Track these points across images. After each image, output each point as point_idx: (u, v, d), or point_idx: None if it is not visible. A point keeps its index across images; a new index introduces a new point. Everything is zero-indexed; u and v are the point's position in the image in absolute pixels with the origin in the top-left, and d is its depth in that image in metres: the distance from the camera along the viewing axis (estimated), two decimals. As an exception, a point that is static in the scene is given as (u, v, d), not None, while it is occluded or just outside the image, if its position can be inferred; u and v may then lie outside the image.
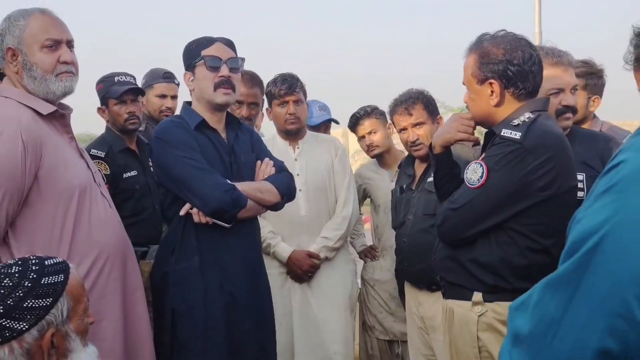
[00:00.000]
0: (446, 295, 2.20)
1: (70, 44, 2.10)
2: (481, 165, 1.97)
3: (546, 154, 1.94)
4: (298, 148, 3.16)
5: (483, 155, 2.04)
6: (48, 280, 1.51)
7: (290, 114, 3.09)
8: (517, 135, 1.94)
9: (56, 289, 1.51)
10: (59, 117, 2.10)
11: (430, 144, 2.29)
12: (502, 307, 2.00)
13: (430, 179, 2.51)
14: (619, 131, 2.85)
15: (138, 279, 2.23)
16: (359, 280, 3.40)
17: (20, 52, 2.02)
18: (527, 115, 2.00)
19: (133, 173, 3.01)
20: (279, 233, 3.05)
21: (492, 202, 1.95)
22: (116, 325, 2.06)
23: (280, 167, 2.53)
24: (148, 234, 2.86)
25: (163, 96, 3.45)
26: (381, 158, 3.40)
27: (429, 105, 2.94)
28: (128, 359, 2.11)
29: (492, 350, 2.02)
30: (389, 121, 3.31)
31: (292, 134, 3.15)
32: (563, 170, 1.96)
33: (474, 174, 1.98)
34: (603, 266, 0.91)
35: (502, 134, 1.96)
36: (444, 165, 2.24)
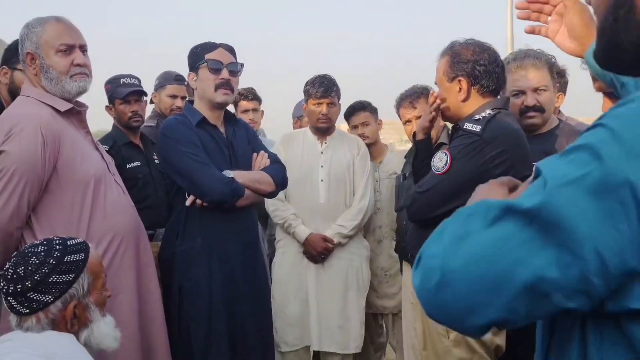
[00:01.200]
0: None
1: (83, 48, 2.16)
2: (445, 154, 2.08)
3: (502, 146, 2.04)
4: (325, 143, 3.28)
5: (448, 146, 2.17)
6: (70, 258, 1.59)
7: (323, 114, 3.20)
8: (477, 128, 2.06)
9: (78, 265, 1.60)
10: (76, 114, 2.18)
11: (414, 132, 2.42)
12: None
13: None
14: (582, 126, 3.08)
15: (149, 256, 2.30)
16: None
17: (38, 56, 2.09)
18: (487, 112, 2.11)
19: (136, 164, 3.12)
20: (299, 216, 3.15)
21: (454, 187, 2.03)
22: (131, 299, 2.14)
23: (274, 159, 2.66)
24: (152, 219, 2.92)
25: (174, 96, 3.59)
26: (368, 149, 3.48)
27: None
28: (142, 329, 2.18)
29: None
30: (380, 118, 3.52)
31: (321, 131, 3.28)
32: (518, 161, 2.05)
33: (439, 161, 2.09)
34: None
35: (464, 127, 2.08)
36: (423, 151, 2.34)
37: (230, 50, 2.57)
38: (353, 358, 3.38)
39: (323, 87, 3.20)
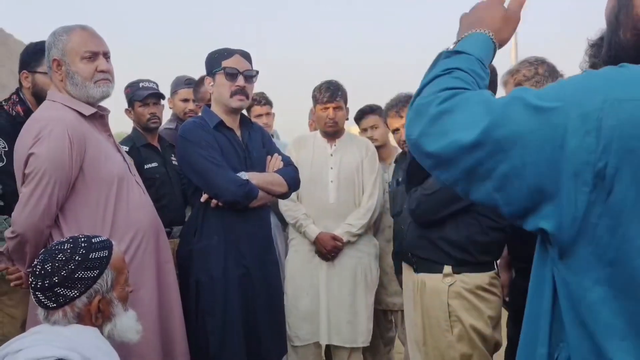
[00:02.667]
0: (417, 270, 2.36)
1: (106, 55, 2.20)
2: None
3: None
4: (335, 145, 3.32)
5: None
6: (95, 255, 1.62)
7: (330, 118, 3.25)
8: None
9: (102, 262, 1.63)
10: (99, 118, 2.22)
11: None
12: (469, 278, 2.19)
13: None
14: None
15: (168, 252, 2.34)
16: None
17: (64, 63, 2.13)
18: None
19: (154, 164, 3.19)
20: (310, 215, 3.20)
21: None
22: (152, 293, 2.18)
23: (287, 161, 2.70)
24: (169, 217, 3.00)
25: (186, 100, 3.65)
26: (378, 151, 3.51)
27: None
28: (161, 320, 2.22)
29: (461, 315, 2.19)
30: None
31: (330, 134, 3.33)
32: None
33: None
34: None
35: None
36: None
37: (247, 56, 2.60)
38: (363, 352, 3.44)
39: (329, 92, 3.24)
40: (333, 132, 3.31)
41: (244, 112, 2.80)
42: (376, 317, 3.43)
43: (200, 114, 2.77)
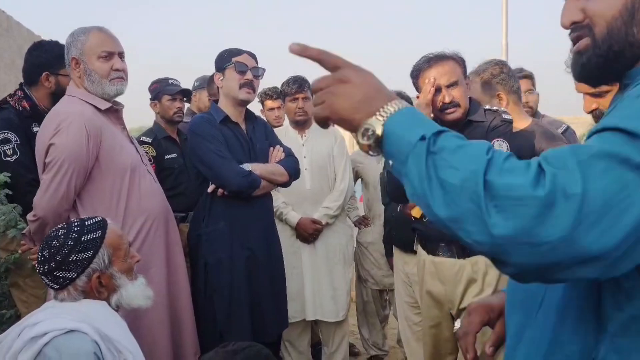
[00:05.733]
0: (464, 255, 2.22)
1: (121, 55, 2.23)
2: (503, 141, 2.14)
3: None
4: (305, 136, 3.38)
5: (492, 135, 2.17)
6: (87, 237, 1.63)
7: (299, 107, 3.31)
8: (509, 117, 2.22)
9: (95, 243, 1.63)
10: (113, 112, 2.25)
11: None
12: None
13: None
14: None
15: (177, 235, 2.38)
16: (355, 242, 3.62)
17: (82, 61, 2.18)
18: (493, 106, 2.27)
19: (173, 155, 3.30)
20: (289, 203, 3.26)
21: None
22: (161, 272, 2.23)
23: (288, 152, 2.76)
24: (186, 203, 3.11)
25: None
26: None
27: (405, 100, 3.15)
28: (170, 296, 2.28)
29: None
30: None
31: (300, 125, 3.37)
32: None
33: (500, 148, 2.11)
34: None
35: (504, 117, 2.19)
36: None
37: (254, 57, 2.68)
38: (360, 328, 3.52)
39: (297, 84, 3.31)
40: (303, 122, 3.36)
41: (259, 107, 2.82)
42: (373, 296, 3.52)
43: None
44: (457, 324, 1.23)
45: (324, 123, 0.89)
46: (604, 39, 0.84)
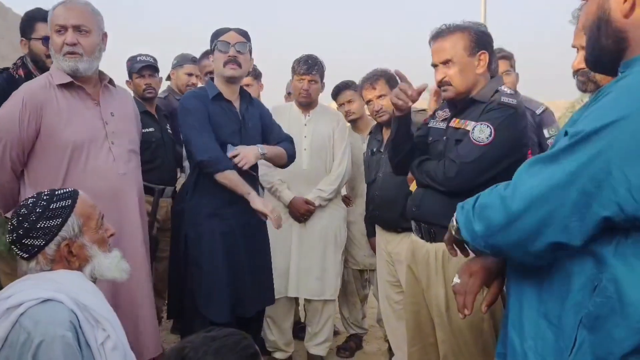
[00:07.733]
0: (437, 239, 2.12)
1: (77, 28, 2.11)
2: (488, 126, 2.01)
3: (525, 119, 2.09)
4: (309, 116, 3.33)
5: (482, 118, 2.05)
6: (56, 205, 1.59)
7: (304, 89, 3.24)
8: (513, 102, 2.04)
9: (64, 211, 1.59)
10: (77, 88, 2.15)
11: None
12: None
13: None
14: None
15: (135, 216, 2.26)
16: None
17: (50, 37, 2.16)
18: (505, 88, 2.09)
19: (150, 129, 3.27)
20: (284, 180, 3.22)
21: (497, 156, 1.99)
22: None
23: (286, 137, 2.78)
24: (162, 177, 3.22)
25: (190, 74, 3.82)
26: (355, 124, 3.55)
27: (390, 81, 3.05)
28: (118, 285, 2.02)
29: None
30: None
31: (304, 105, 3.32)
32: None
33: (482, 133, 2.01)
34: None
35: (502, 100, 2.03)
36: (404, 125, 2.25)
37: (242, 33, 2.62)
38: (341, 306, 3.48)
39: (307, 65, 3.22)
40: (306, 103, 3.31)
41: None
42: (353, 276, 3.48)
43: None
44: (456, 279, 1.37)
45: None
46: (589, 46, 1.18)
